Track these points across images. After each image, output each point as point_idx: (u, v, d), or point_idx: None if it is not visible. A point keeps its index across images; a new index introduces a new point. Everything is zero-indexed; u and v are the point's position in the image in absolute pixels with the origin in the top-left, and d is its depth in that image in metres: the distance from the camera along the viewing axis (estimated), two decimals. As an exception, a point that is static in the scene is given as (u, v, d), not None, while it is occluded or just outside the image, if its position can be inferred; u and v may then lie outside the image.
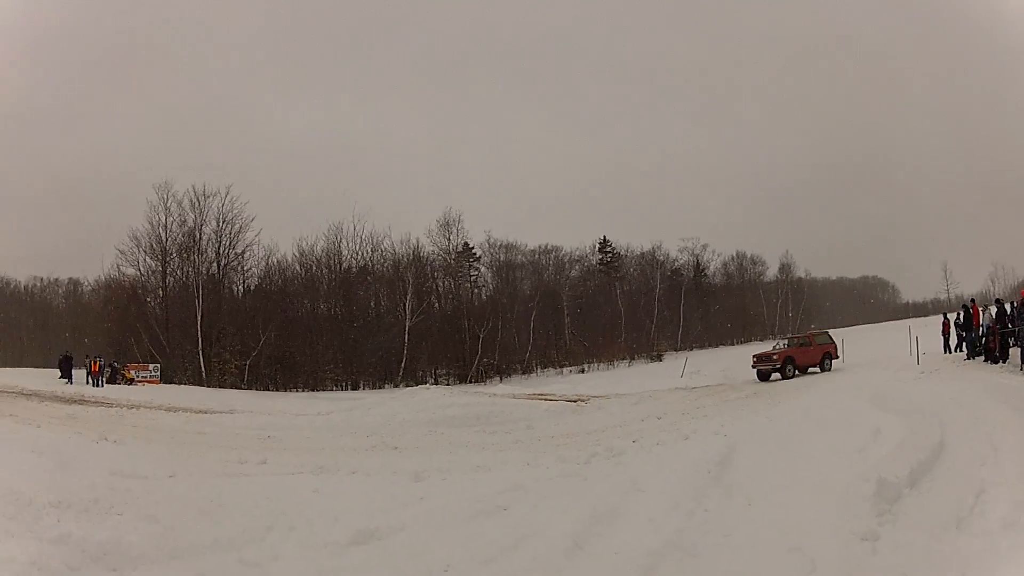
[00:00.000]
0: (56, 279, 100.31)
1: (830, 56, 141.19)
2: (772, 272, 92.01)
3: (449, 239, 72.07)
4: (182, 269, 61.26)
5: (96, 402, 33.38)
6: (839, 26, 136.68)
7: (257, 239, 64.18)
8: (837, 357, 39.83)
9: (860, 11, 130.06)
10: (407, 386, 53.12)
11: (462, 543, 9.66)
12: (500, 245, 77.19)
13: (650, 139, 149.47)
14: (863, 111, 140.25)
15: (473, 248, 75.44)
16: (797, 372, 38.28)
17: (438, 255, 71.87)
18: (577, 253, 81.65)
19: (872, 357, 39.38)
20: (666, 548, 8.95)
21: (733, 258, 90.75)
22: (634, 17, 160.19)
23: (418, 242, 69.98)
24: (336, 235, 67.25)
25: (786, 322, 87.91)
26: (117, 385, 46.70)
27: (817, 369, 38.60)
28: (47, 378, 46.98)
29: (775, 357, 39.39)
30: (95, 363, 47.42)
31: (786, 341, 42.55)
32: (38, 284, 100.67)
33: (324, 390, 58.67)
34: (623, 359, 69.68)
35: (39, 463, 14.85)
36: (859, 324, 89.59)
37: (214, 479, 14.79)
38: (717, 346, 77.85)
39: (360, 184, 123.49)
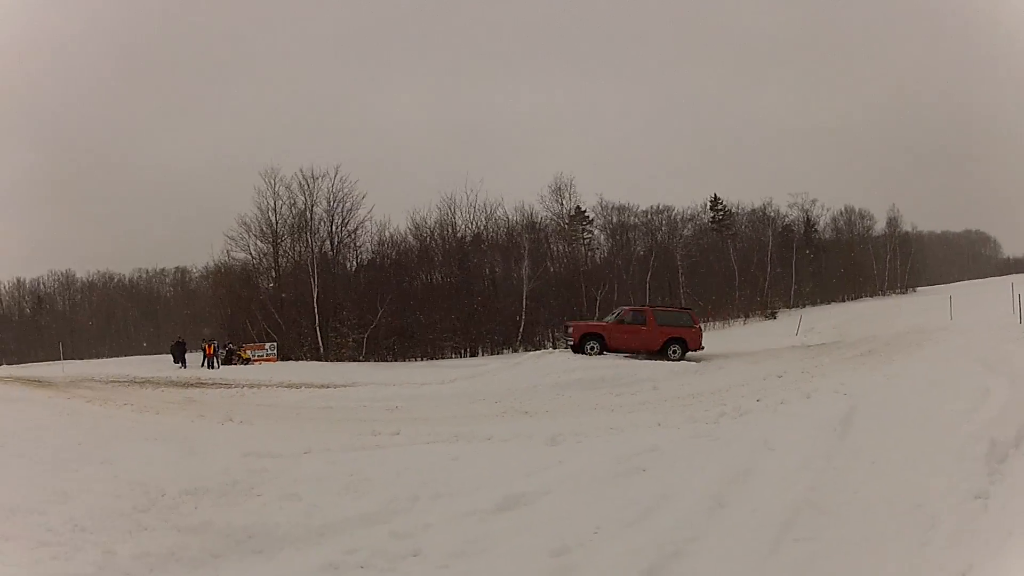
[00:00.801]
0: (162, 269, 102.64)
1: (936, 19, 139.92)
2: (880, 226, 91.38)
3: (562, 203, 73.44)
4: (294, 249, 62.45)
5: (214, 384, 33.12)
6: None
7: (370, 216, 65.36)
8: (698, 348, 33.60)
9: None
10: (526, 351, 53.31)
11: (606, 505, 9.71)
12: (612, 207, 77.30)
13: (757, 103, 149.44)
14: (967, 65, 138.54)
15: (586, 211, 75.92)
16: (605, 352, 32.94)
17: (551, 220, 72.60)
18: (689, 212, 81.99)
19: (977, 315, 37.91)
20: (800, 505, 9.11)
21: (842, 212, 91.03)
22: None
23: (532, 208, 70.93)
24: (450, 206, 68.01)
25: (895, 278, 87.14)
26: (233, 365, 47.40)
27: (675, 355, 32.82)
28: (159, 365, 47.15)
29: (570, 331, 34.77)
30: (209, 346, 48.26)
31: (615, 315, 36.07)
32: (143, 276, 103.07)
33: (443, 358, 58.97)
34: (738, 317, 69.97)
35: (166, 451, 14.99)
36: (964, 280, 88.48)
37: (350, 453, 14.81)
38: (829, 302, 77.79)
39: (472, 158, 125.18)
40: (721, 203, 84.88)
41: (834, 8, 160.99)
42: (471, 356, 59.67)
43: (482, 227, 69.07)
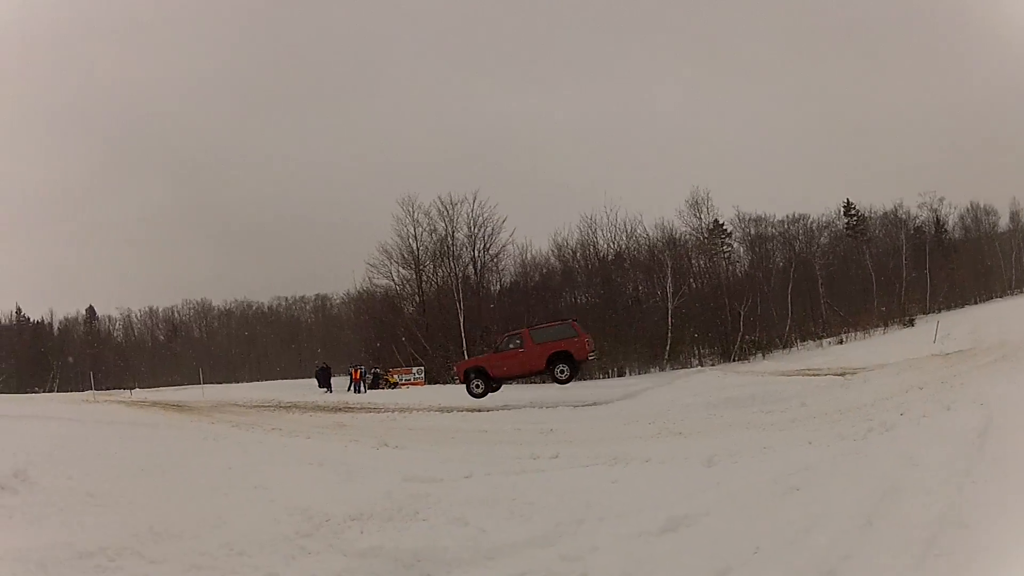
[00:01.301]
0: (302, 296, 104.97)
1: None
2: (1004, 222, 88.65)
3: (700, 217, 73.15)
4: (437, 275, 65.33)
5: (362, 408, 34.25)
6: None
7: (511, 239, 67.67)
8: (584, 358, 32.92)
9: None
10: (672, 369, 53.51)
11: (764, 525, 9.84)
12: (749, 219, 76.75)
13: (878, 97, 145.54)
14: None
15: (723, 224, 75.77)
16: (494, 386, 33.44)
17: (690, 235, 72.45)
18: (824, 219, 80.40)
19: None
20: (943, 521, 9.23)
21: (968, 209, 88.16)
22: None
23: (672, 224, 70.90)
24: (590, 226, 69.24)
25: (1023, 276, 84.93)
26: (380, 390, 48.46)
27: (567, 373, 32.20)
28: (303, 389, 49.10)
29: (455, 370, 35.46)
30: (356, 371, 49.43)
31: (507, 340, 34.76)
32: (283, 303, 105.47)
33: (591, 379, 58.29)
34: (877, 326, 69.23)
35: (324, 475, 15.39)
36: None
37: (511, 476, 15.06)
38: (963, 306, 76.24)
39: (608, 174, 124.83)
40: (854, 208, 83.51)
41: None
42: (619, 376, 59.92)
43: (623, 246, 69.28)
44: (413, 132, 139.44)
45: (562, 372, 32.08)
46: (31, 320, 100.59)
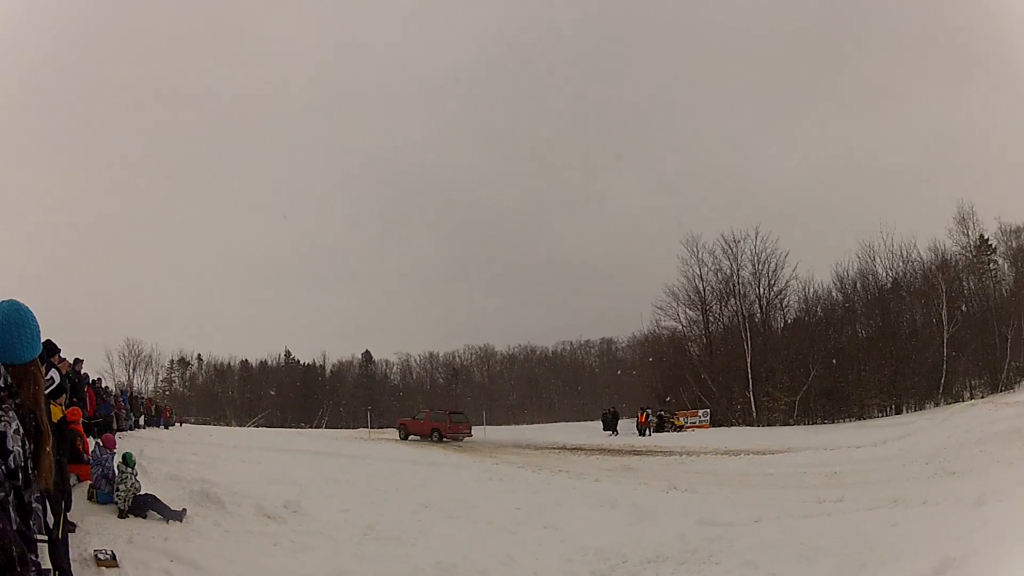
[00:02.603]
0: (587, 340, 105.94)
1: None
2: None
3: (967, 235, 67.44)
4: (723, 315, 64.66)
5: (649, 452, 34.86)
6: None
7: (795, 275, 65.30)
8: (446, 434, 46.65)
9: None
10: (947, 403, 52.35)
11: (1018, 567, 10.02)
12: (1011, 230, 68.65)
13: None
14: None
15: (988, 239, 68.80)
16: (411, 439, 47.71)
17: (960, 255, 67.26)
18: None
19: None
20: None
21: None
22: None
23: (944, 245, 66.02)
24: (869, 254, 65.97)
25: None
26: (666, 433, 49.86)
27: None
28: (587, 432, 50.34)
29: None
30: (642, 414, 50.07)
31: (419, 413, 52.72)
32: (567, 347, 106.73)
33: (870, 418, 57.69)
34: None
35: (615, 517, 15.99)
36: None
37: (799, 520, 15.53)
38: None
39: (873, 194, 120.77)
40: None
41: None
42: (896, 414, 57.72)
43: (899, 272, 66.92)
44: (693, 173, 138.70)
45: (435, 436, 46.87)
46: (301, 362, 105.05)
